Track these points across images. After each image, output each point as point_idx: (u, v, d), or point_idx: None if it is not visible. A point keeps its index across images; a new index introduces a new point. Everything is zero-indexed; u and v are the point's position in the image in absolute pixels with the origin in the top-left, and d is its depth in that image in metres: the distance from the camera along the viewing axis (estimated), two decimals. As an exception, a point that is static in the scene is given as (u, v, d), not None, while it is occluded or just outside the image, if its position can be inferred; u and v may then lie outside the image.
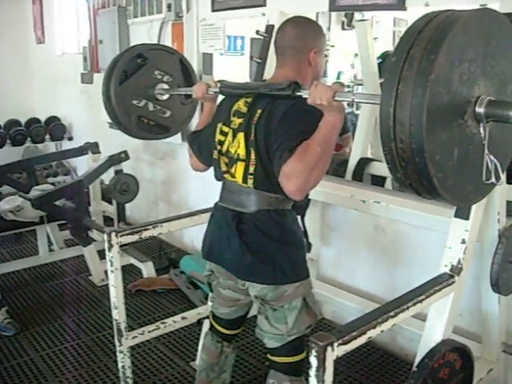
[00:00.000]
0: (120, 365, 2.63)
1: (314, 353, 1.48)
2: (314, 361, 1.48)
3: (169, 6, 4.17)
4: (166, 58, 2.73)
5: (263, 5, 3.30)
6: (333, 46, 9.25)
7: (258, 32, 2.87)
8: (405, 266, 2.99)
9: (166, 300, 3.78)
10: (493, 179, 1.45)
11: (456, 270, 1.99)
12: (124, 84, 2.58)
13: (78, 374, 2.92)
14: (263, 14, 3.25)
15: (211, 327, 2.35)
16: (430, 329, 2.02)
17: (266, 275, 1.93)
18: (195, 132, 2.26)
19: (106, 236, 2.45)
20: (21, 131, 6.31)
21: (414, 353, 2.10)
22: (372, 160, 3.71)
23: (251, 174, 1.89)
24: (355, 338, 1.58)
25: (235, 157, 1.93)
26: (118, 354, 2.61)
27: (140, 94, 2.62)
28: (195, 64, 4.17)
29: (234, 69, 5.23)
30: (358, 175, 3.63)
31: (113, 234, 2.44)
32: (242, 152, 1.90)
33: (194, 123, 2.55)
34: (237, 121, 1.95)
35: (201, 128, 2.24)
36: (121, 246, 2.50)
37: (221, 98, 2.17)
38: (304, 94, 1.76)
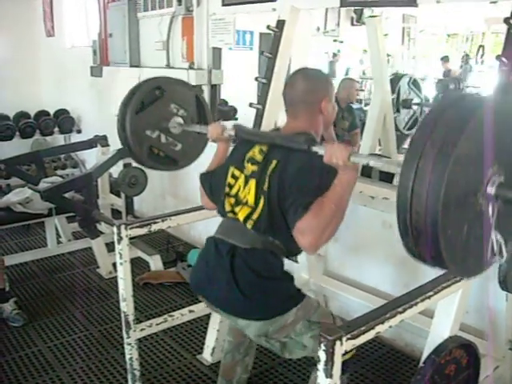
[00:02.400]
0: (127, 357, 2.64)
1: (322, 347, 1.50)
2: (322, 355, 1.50)
3: (179, 0, 4.17)
4: (183, 93, 2.77)
5: (274, 0, 3.29)
6: (342, 42, 9.28)
7: (268, 27, 2.87)
8: (412, 262, 2.96)
9: (173, 293, 3.80)
10: (497, 256, 1.48)
11: None
12: (140, 114, 2.63)
13: (86, 365, 2.94)
14: (274, 9, 3.24)
15: None
16: (437, 325, 2.03)
17: (259, 312, 1.94)
18: (208, 172, 2.29)
19: (115, 229, 2.46)
20: (30, 123, 6.33)
21: (420, 349, 2.12)
22: (380, 156, 3.72)
23: (252, 220, 1.94)
24: (363, 332, 1.59)
25: (243, 201, 1.98)
26: (125, 346, 2.63)
27: (154, 125, 2.66)
28: (205, 58, 4.18)
29: (243, 63, 5.24)
30: (367, 171, 3.63)
31: (122, 227, 2.46)
32: (251, 199, 1.95)
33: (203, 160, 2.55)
34: (250, 167, 1.99)
35: (213, 169, 2.27)
36: (129, 238, 2.52)
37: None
38: (319, 150, 1.79)
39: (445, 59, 9.47)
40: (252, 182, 1.96)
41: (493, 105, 1.39)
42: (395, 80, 4.61)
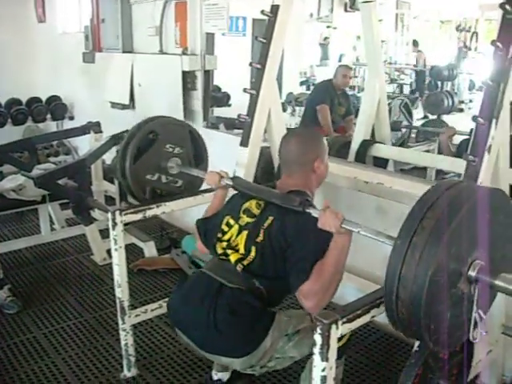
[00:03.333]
0: (123, 343, 2.66)
1: (318, 330, 1.50)
2: (318, 338, 1.50)
3: (173, -15, 4.14)
4: (176, 131, 2.83)
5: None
6: (335, 28, 9.23)
7: (263, 12, 2.85)
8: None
9: (168, 279, 3.81)
10: (479, 332, 1.58)
11: None
12: (138, 162, 2.69)
13: (81, 351, 2.94)
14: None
15: None
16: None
17: (240, 349, 1.97)
18: (204, 219, 2.36)
19: (110, 215, 2.46)
20: (22, 110, 6.28)
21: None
22: (375, 142, 3.72)
23: (243, 264, 2.02)
24: (359, 316, 1.61)
25: (235, 248, 2.06)
26: (120, 331, 2.64)
27: (153, 169, 2.74)
28: (198, 44, 4.16)
29: (236, 50, 5.22)
30: (361, 157, 3.64)
31: (117, 213, 2.46)
32: (241, 248, 2.05)
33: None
34: (245, 219, 2.10)
35: (210, 215, 2.35)
36: (124, 225, 2.52)
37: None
38: (313, 212, 1.91)
39: (414, 44, 9.28)
40: (244, 233, 2.06)
41: (479, 195, 1.48)
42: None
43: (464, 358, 2.08)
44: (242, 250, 2.04)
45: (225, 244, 2.11)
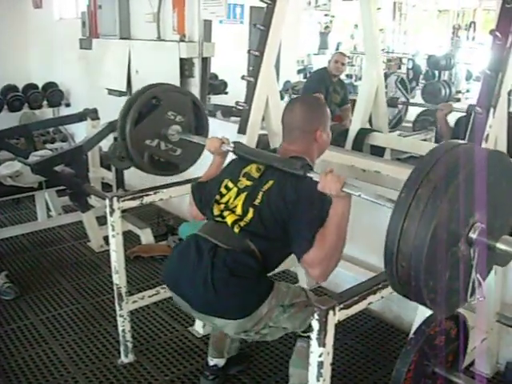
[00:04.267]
0: (120, 329, 2.67)
1: (316, 316, 1.52)
2: (315, 324, 1.52)
3: (170, -29, 4.12)
4: (179, 99, 2.81)
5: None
6: (333, 17, 9.20)
7: (261, -1, 2.85)
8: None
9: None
10: (477, 296, 1.55)
11: None
12: (139, 126, 2.67)
13: (78, 337, 2.96)
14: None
15: None
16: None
17: (236, 311, 1.96)
18: (200, 183, 2.35)
19: (107, 201, 2.47)
20: (18, 97, 6.26)
21: (409, 321, 2.15)
22: (372, 130, 3.72)
23: (239, 226, 2.00)
24: (356, 302, 1.62)
25: (232, 209, 2.05)
26: (118, 318, 2.65)
27: (153, 134, 2.71)
28: (196, 31, 4.14)
29: (233, 37, 5.20)
30: (358, 145, 3.65)
31: (114, 199, 2.46)
32: (239, 210, 2.03)
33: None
34: (245, 182, 2.09)
35: (206, 180, 2.33)
36: (121, 211, 2.52)
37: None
38: (314, 176, 1.88)
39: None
40: (243, 195, 2.05)
41: (479, 156, 1.45)
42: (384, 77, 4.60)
43: (459, 345, 2.11)
44: (239, 212, 2.02)
45: (222, 206, 2.08)
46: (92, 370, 2.69)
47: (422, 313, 2.02)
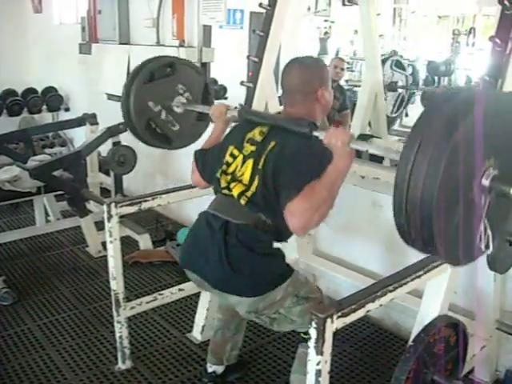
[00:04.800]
0: (117, 335, 2.65)
1: (313, 324, 1.51)
2: (313, 332, 1.51)
3: (170, -23, 4.12)
4: (192, 76, 2.81)
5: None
6: (332, 22, 9.20)
7: (261, 5, 2.84)
8: (401, 242, 2.99)
9: (163, 272, 3.81)
10: (484, 248, 1.50)
11: None
12: (147, 85, 2.66)
13: (76, 343, 2.94)
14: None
15: None
16: (426, 304, 2.05)
17: (250, 288, 1.96)
18: (202, 150, 2.31)
19: (105, 207, 2.46)
20: (17, 101, 6.23)
21: (408, 328, 2.13)
22: (371, 136, 3.72)
23: (246, 197, 1.97)
24: (354, 310, 1.61)
25: (239, 179, 2.01)
26: (115, 324, 2.63)
27: (158, 99, 2.69)
28: (195, 36, 4.14)
29: (233, 43, 5.19)
30: (357, 151, 3.62)
31: (112, 205, 2.45)
32: (246, 178, 1.99)
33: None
34: (249, 148, 2.03)
35: (208, 147, 2.30)
36: (119, 217, 2.51)
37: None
38: (320, 135, 1.84)
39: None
40: (249, 162, 1.99)
41: (489, 98, 1.40)
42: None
43: (459, 352, 2.10)
44: (246, 180, 1.97)
45: (229, 177, 2.04)
46: (89, 376, 2.68)
47: (422, 320, 2.01)
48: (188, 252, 2.15)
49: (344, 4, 8.91)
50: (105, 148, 4.40)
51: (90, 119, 4.60)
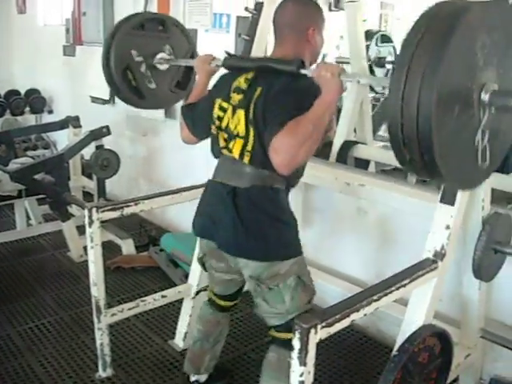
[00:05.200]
0: (98, 342, 2.60)
1: (297, 335, 1.48)
2: (296, 343, 1.48)
3: (156, -21, 4.08)
4: (181, 42, 2.77)
5: (252, -19, 3.24)
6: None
7: (247, 9, 2.82)
8: (387, 249, 2.99)
9: (146, 278, 3.76)
10: (487, 162, 1.46)
11: (439, 255, 2.00)
12: (136, 31, 2.61)
13: (56, 350, 2.88)
14: (252, -9, 3.20)
15: (209, 299, 2.41)
16: (411, 313, 2.03)
17: (260, 252, 1.94)
18: (189, 105, 2.25)
19: (86, 211, 2.41)
20: (0, 103, 6.17)
21: (393, 336, 2.11)
22: (356, 143, 3.70)
23: (248, 152, 1.91)
24: (339, 320, 1.58)
25: (234, 133, 1.94)
26: (96, 331, 2.58)
27: (143, 50, 2.62)
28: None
29: (219, 46, 5.16)
30: (342, 158, 3.62)
31: (94, 210, 2.40)
32: (241, 129, 1.92)
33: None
34: (236, 97, 1.96)
35: (194, 101, 2.23)
36: (101, 222, 2.47)
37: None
38: (308, 72, 1.80)
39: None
40: (240, 113, 1.92)
41: (486, 6, 1.37)
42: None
43: (443, 361, 2.08)
44: (242, 132, 1.91)
45: (226, 135, 1.99)
46: (69, 384, 2.63)
47: (406, 329, 1.99)
48: (201, 220, 2.13)
49: (330, 9, 8.90)
50: (88, 151, 4.35)
51: (73, 122, 4.54)
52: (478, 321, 2.44)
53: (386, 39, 5.00)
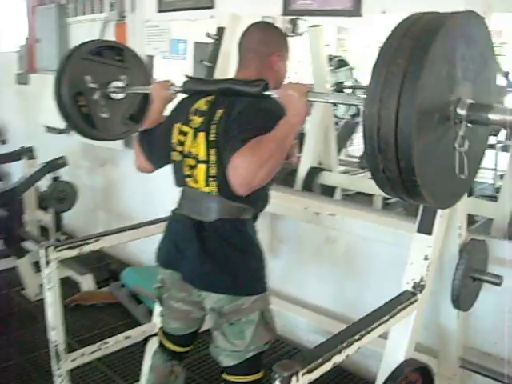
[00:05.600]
0: (58, 389, 2.43)
1: (277, 382, 1.36)
2: (277, 393, 1.36)
3: (112, 5, 3.99)
4: (139, 76, 2.65)
5: (212, 7, 3.17)
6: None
7: (208, 34, 2.74)
8: (356, 278, 2.92)
9: (107, 315, 3.58)
10: (465, 174, 1.44)
11: (418, 287, 1.92)
12: (93, 56, 2.50)
13: (11, 399, 2.70)
14: (212, 17, 3.12)
15: (160, 345, 2.23)
16: (392, 349, 1.94)
17: (225, 285, 1.87)
18: (145, 131, 2.14)
19: (42, 251, 2.25)
20: (-50, 134, 5.96)
21: (372, 371, 2.02)
22: (322, 169, 3.65)
23: (213, 177, 1.82)
24: (320, 365, 1.47)
25: (197, 158, 1.85)
26: (55, 378, 2.41)
27: (97, 77, 2.50)
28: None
29: (175, 72, 5.09)
30: (308, 185, 3.56)
31: (50, 249, 2.25)
32: (201, 153, 1.84)
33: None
34: (197, 119, 1.88)
35: (150, 127, 2.13)
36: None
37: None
38: (273, 93, 1.73)
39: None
40: (201, 135, 1.84)
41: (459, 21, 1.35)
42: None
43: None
44: (203, 156, 1.82)
45: (191, 161, 1.88)
46: None
47: (388, 365, 1.90)
48: (166, 251, 2.04)
49: (287, 35, 8.92)
50: (44, 183, 4.18)
51: (27, 153, 4.37)
52: (457, 350, 2.37)
53: (343, 64, 5.03)
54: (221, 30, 2.74)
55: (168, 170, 2.14)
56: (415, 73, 1.22)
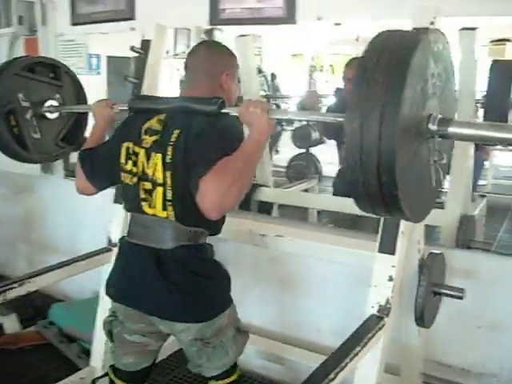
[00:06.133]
0: None
1: None
2: None
3: (20, 19, 3.69)
4: (73, 94, 2.56)
5: (132, 18, 2.96)
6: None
7: (133, 48, 2.56)
8: (303, 299, 2.80)
9: (37, 358, 3.23)
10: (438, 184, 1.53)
11: (385, 310, 1.84)
12: (27, 73, 2.36)
13: None
14: (132, 29, 2.93)
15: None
16: (361, 377, 1.83)
17: (203, 313, 1.81)
18: (86, 150, 1.99)
19: (-41, 301, 1.99)
20: None
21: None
22: (259, 186, 3.53)
23: (170, 201, 1.72)
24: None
25: (154, 181, 1.73)
26: None
27: (31, 95, 2.37)
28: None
29: (91, 88, 4.85)
30: (246, 203, 3.42)
31: (-31, 298, 1.99)
32: (159, 175, 1.72)
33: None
34: (149, 139, 1.77)
35: (92, 147, 1.99)
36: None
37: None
38: (231, 111, 1.70)
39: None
40: (157, 156, 1.73)
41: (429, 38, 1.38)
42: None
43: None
44: (160, 179, 1.71)
45: (147, 184, 1.76)
46: None
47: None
48: (121, 286, 1.91)
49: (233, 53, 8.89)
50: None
51: None
52: (418, 365, 2.32)
53: (258, 71, 4.98)
54: (146, 43, 2.56)
55: (95, 196, 1.97)
56: (397, 86, 1.21)
